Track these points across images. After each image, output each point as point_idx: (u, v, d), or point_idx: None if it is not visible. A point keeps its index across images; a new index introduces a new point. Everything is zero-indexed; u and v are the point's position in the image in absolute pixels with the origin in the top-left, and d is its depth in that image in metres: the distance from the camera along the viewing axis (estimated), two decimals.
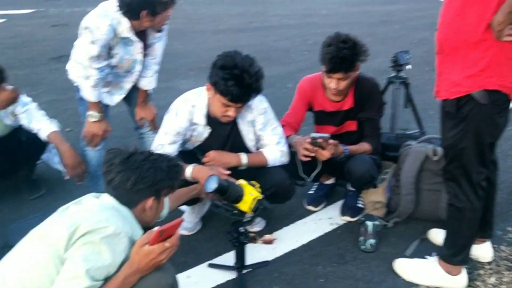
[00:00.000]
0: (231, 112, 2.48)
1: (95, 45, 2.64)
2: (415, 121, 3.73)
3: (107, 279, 1.64)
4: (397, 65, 3.50)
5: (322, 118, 2.98)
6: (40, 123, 2.99)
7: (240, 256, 2.50)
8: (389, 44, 7.53)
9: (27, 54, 6.75)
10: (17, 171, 3.31)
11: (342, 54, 2.60)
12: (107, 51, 2.73)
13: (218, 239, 2.83)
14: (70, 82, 2.97)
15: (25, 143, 3.09)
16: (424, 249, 2.68)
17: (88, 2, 11.49)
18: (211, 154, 2.62)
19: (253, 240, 2.79)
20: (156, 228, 1.67)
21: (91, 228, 1.60)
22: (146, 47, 2.91)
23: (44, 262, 1.59)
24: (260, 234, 2.86)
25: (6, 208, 3.15)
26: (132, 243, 1.72)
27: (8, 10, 10.72)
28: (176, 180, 1.91)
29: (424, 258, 2.53)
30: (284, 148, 2.73)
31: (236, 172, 2.56)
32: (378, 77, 3.00)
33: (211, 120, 2.61)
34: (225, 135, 2.67)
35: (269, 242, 2.81)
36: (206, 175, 2.38)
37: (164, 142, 2.58)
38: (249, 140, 2.70)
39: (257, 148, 2.75)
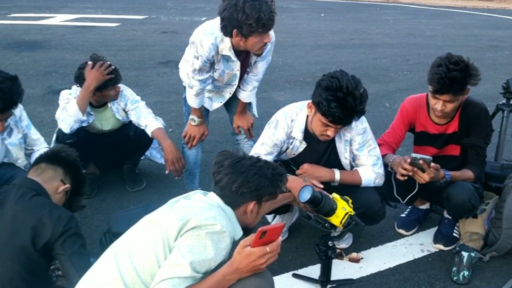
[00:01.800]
0: (330, 132, 2.48)
1: (198, 60, 2.80)
2: None
3: (206, 274, 1.71)
4: (508, 92, 3.32)
5: (423, 140, 2.90)
6: (147, 120, 3.20)
7: (326, 270, 2.49)
8: (498, 71, 7.16)
9: (138, 57, 7.21)
10: (123, 164, 3.54)
11: (452, 75, 2.51)
12: (210, 65, 2.86)
13: (304, 250, 2.84)
14: (175, 86, 3.14)
15: (132, 138, 3.31)
16: None
17: (196, 12, 12.13)
18: (305, 167, 2.64)
19: (339, 256, 2.77)
20: (261, 228, 1.69)
21: (200, 223, 1.70)
22: (248, 65, 3.01)
23: (155, 248, 1.70)
24: (346, 251, 2.83)
25: (109, 198, 3.39)
26: (232, 243, 1.79)
27: (123, 15, 11.53)
28: (278, 188, 1.97)
29: None
30: (380, 170, 2.69)
31: (327, 187, 2.55)
32: (485, 103, 2.87)
33: (308, 135, 2.63)
34: (321, 151, 2.68)
35: (356, 260, 2.77)
36: (298, 185, 2.41)
37: (260, 152, 2.64)
38: (344, 158, 2.68)
39: (352, 167, 2.73)
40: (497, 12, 15.64)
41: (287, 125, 2.63)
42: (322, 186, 2.52)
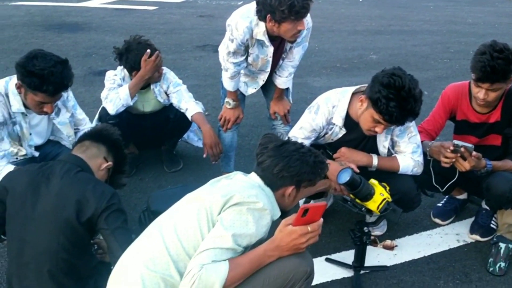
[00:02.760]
0: (379, 129, 2.44)
1: (233, 43, 2.82)
2: None
3: (247, 249, 1.76)
4: None
5: (463, 129, 2.85)
6: (188, 104, 3.25)
7: (360, 256, 2.50)
8: None
9: (175, 41, 7.26)
10: (161, 145, 3.61)
11: (496, 63, 2.45)
12: (245, 49, 2.87)
13: (338, 236, 2.85)
14: (212, 70, 3.17)
15: (172, 121, 3.37)
16: None
17: None
18: (343, 150, 2.64)
19: (373, 243, 2.77)
20: (304, 205, 1.71)
21: (242, 200, 1.76)
22: (283, 51, 3.01)
23: (199, 222, 1.76)
24: (380, 238, 2.83)
25: (147, 177, 3.47)
26: (272, 221, 1.83)
27: None
28: (318, 176, 1.99)
29: None
30: (419, 158, 2.66)
31: (364, 173, 2.54)
32: None
33: (348, 122, 2.62)
34: (359, 138, 2.67)
35: (390, 248, 2.77)
36: (335, 170, 2.41)
37: (298, 136, 2.65)
38: (382, 147, 2.66)
39: (390, 154, 2.70)
40: None
41: (328, 111, 2.62)
42: (358, 170, 2.51)
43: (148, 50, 3.12)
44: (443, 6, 12.33)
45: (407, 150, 2.65)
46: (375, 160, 2.62)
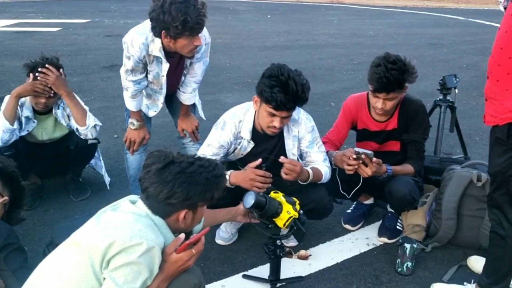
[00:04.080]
0: (276, 123, 2.50)
1: (130, 60, 2.76)
2: (460, 146, 3.66)
3: None
4: (445, 88, 3.47)
5: (364, 137, 2.98)
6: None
7: (275, 269, 2.51)
8: (436, 67, 7.44)
9: (81, 62, 7.03)
10: (65, 173, 3.44)
11: (390, 74, 2.61)
12: (143, 66, 2.82)
13: (254, 251, 2.85)
14: (120, 91, 3.08)
15: (74, 152, 3.20)
16: (463, 276, 2.63)
17: (141, 15, 11.93)
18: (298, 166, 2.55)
19: (288, 254, 2.80)
20: (182, 236, 1.77)
21: (125, 246, 1.60)
22: (184, 67, 2.99)
23: (80, 273, 1.62)
24: (295, 249, 2.87)
25: (52, 208, 3.28)
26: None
27: (65, 19, 11.21)
28: (215, 192, 1.84)
29: (462, 285, 2.47)
30: (329, 165, 2.77)
31: (278, 184, 2.57)
32: (424, 99, 2.99)
33: (256, 135, 2.65)
34: (269, 149, 2.70)
35: (304, 258, 2.81)
36: (243, 179, 2.47)
37: (206, 153, 2.63)
38: (292, 154, 2.72)
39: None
40: (436, 11, 16.28)
41: (235, 126, 2.64)
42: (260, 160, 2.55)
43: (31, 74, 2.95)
44: (346, 20, 12.98)
45: (318, 159, 2.73)
46: (311, 174, 2.65)
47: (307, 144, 2.71)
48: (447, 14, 15.47)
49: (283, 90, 2.39)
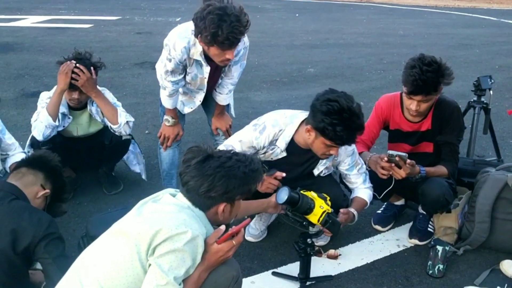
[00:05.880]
0: (334, 152, 2.48)
1: (171, 62, 2.80)
2: (492, 148, 3.60)
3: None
4: (479, 89, 3.42)
5: (397, 137, 2.96)
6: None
7: (305, 268, 2.52)
8: (469, 68, 7.31)
9: (112, 58, 7.11)
10: (99, 167, 3.50)
11: (425, 77, 2.56)
12: (183, 68, 2.86)
13: (283, 249, 2.87)
14: (151, 87, 3.13)
15: (108, 148, 3.26)
16: (495, 280, 2.60)
17: (170, 12, 12.06)
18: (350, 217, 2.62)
19: (318, 253, 2.81)
20: (222, 227, 1.81)
21: (171, 234, 1.66)
22: (221, 70, 3.00)
23: (125, 261, 1.67)
24: (324, 248, 2.87)
25: (86, 201, 3.36)
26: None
27: (96, 16, 11.39)
28: (252, 185, 1.90)
29: None
30: (370, 184, 2.78)
31: (304, 185, 2.57)
32: (456, 100, 2.95)
33: (291, 146, 2.62)
34: (299, 163, 2.69)
35: (334, 257, 2.81)
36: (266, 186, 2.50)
37: (235, 147, 2.60)
38: (317, 169, 2.71)
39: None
40: (467, 11, 15.97)
41: (274, 134, 2.60)
42: (284, 174, 2.57)
43: (68, 62, 2.96)
44: (376, 19, 12.85)
45: (358, 181, 2.76)
46: (355, 213, 2.67)
47: (347, 167, 2.73)
48: (479, 14, 15.17)
49: (347, 128, 2.32)
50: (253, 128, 2.64)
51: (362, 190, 2.77)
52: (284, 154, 2.64)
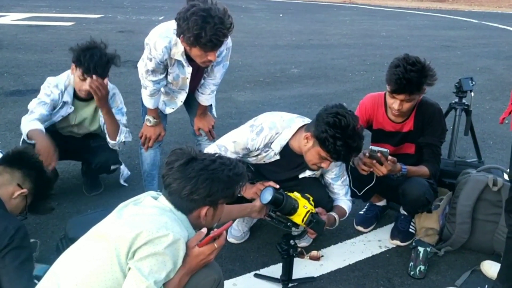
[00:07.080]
0: (325, 165, 2.48)
1: (151, 62, 2.76)
2: (473, 150, 3.63)
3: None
4: (461, 91, 3.44)
5: (379, 137, 2.96)
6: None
7: (288, 269, 2.51)
8: (450, 70, 7.40)
9: None
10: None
11: (409, 76, 2.57)
12: (164, 67, 2.83)
13: (266, 250, 2.85)
14: (133, 87, 3.09)
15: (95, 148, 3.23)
16: (476, 281, 2.61)
17: (153, 11, 11.99)
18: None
19: (300, 255, 2.79)
20: (204, 230, 1.78)
21: (152, 237, 1.63)
22: (203, 70, 2.97)
23: (104, 264, 1.64)
24: (306, 249, 2.86)
25: (65, 202, 3.29)
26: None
27: (78, 14, 11.26)
28: (236, 189, 1.87)
29: None
30: (350, 198, 2.80)
31: (286, 187, 2.57)
32: (438, 102, 2.97)
33: (285, 150, 2.60)
34: (288, 168, 2.68)
35: (316, 258, 2.80)
36: (255, 192, 2.46)
37: (228, 148, 2.58)
38: (303, 174, 2.70)
39: None
40: (449, 13, 16.18)
41: (270, 136, 2.57)
42: (278, 186, 2.54)
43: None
44: (359, 20, 12.93)
45: (340, 192, 2.76)
46: (337, 217, 2.67)
47: (333, 176, 2.72)
48: (461, 16, 15.37)
49: (347, 145, 2.33)
50: (250, 129, 2.60)
51: (344, 201, 2.78)
52: (278, 157, 2.62)
